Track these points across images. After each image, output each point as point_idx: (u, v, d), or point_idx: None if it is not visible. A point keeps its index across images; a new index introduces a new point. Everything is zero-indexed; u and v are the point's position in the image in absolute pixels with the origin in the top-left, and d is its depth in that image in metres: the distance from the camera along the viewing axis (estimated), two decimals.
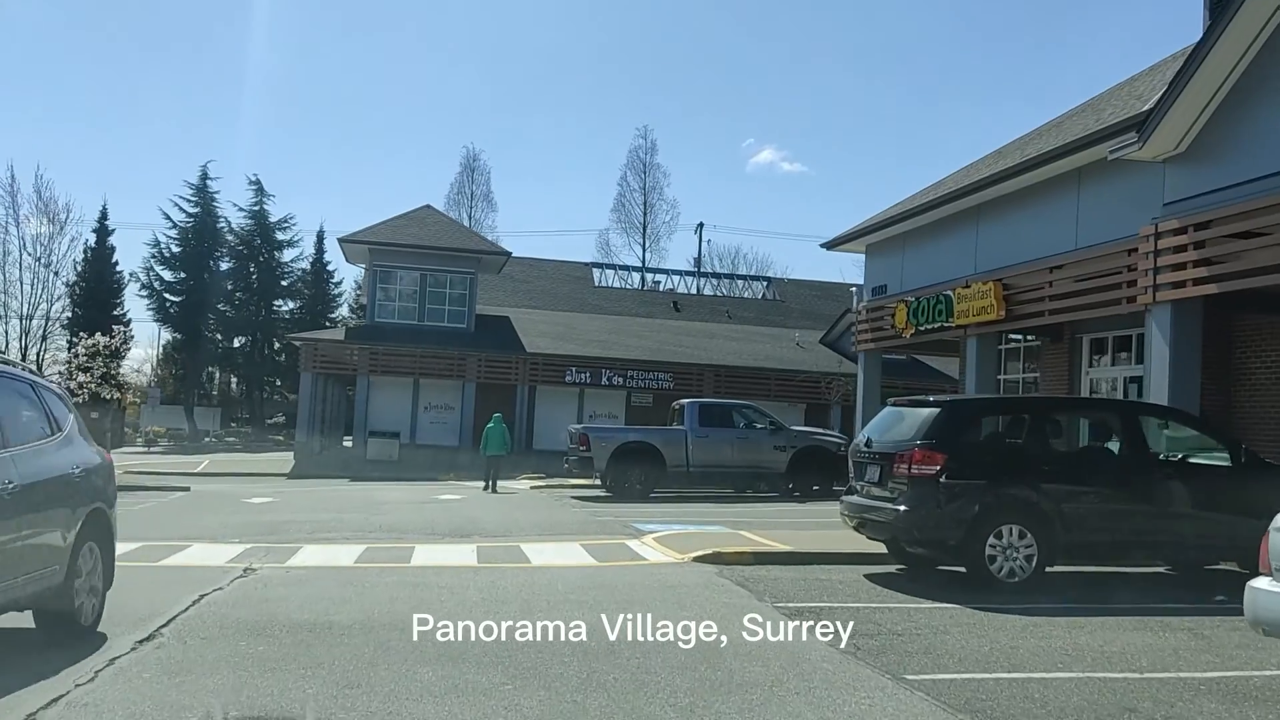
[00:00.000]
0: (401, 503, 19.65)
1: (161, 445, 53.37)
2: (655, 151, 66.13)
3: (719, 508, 18.63)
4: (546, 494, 22.71)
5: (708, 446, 20.75)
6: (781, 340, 42.88)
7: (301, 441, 36.06)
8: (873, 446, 9.83)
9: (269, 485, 27.82)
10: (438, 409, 38.37)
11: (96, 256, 55.62)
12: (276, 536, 13.04)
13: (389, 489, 24.92)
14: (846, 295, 49.73)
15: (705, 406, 21.39)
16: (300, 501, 20.15)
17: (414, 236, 38.23)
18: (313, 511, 17.35)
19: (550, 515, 16.58)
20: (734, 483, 21.69)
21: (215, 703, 5.29)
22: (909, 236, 20.18)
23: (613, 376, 37.61)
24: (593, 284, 46.59)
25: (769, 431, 21.19)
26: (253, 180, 56.47)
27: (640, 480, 20.45)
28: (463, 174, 63.12)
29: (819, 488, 21.10)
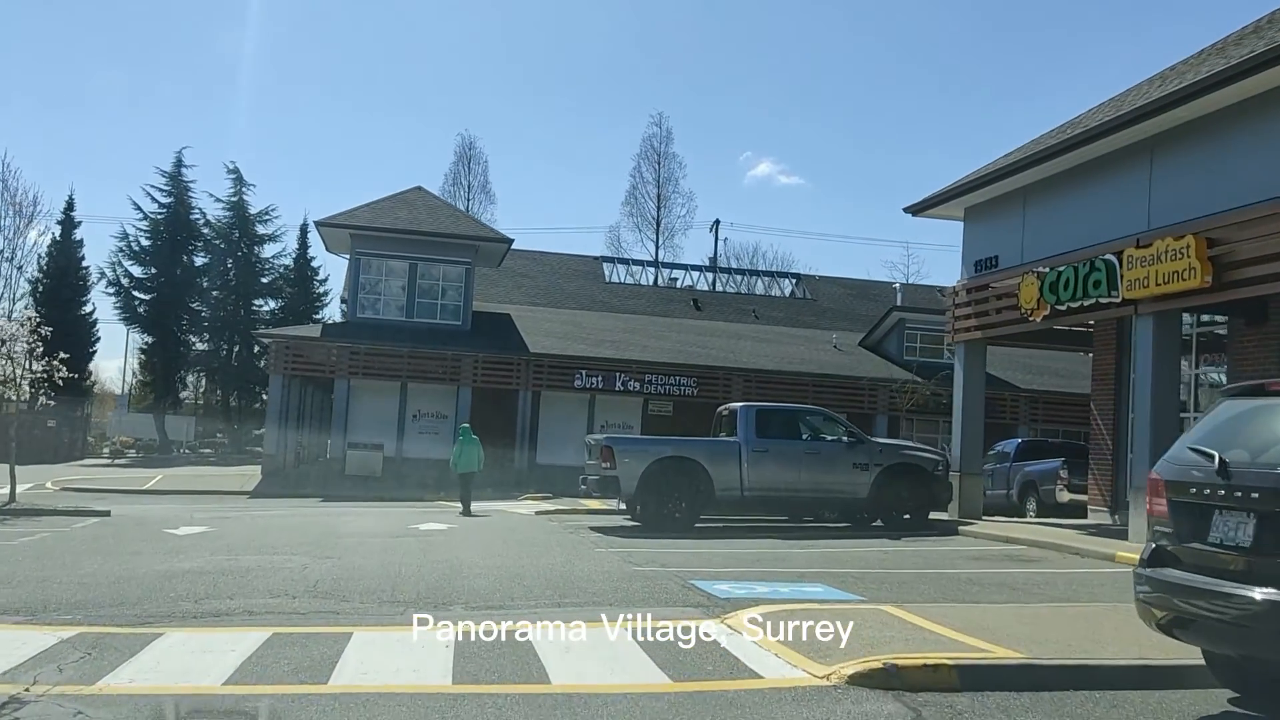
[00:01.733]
0: (368, 537, 14.88)
1: (128, 457, 48.58)
2: (671, 140, 61.47)
3: (792, 547, 13.86)
4: (556, 522, 17.90)
5: (768, 463, 15.95)
6: (816, 342, 38.16)
7: (270, 455, 31.30)
8: (1233, 474, 5.01)
9: (220, 507, 23.09)
10: (428, 417, 33.65)
11: (61, 251, 50.90)
12: (140, 609, 8.25)
13: (361, 514, 20.15)
14: (887, 293, 45.08)
15: (764, 412, 16.54)
16: (236, 534, 15.38)
17: (402, 220, 33.53)
18: (239, 552, 12.59)
19: (567, 561, 11.79)
20: (797, 509, 16.92)
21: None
22: (1034, 191, 15.47)
23: (628, 381, 32.90)
24: (603, 280, 41.90)
25: (845, 445, 16.39)
26: (231, 168, 51.81)
27: (681, 507, 15.66)
28: (458, 163, 58.51)
29: (910, 516, 16.33)
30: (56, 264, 50.18)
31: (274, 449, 31.25)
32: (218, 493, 28.30)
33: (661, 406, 34.66)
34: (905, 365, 35.64)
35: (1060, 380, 36.26)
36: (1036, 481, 18.93)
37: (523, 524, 17.59)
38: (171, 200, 49.60)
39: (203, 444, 52.97)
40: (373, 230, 32.82)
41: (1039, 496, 18.75)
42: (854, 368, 35.12)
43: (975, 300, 16.86)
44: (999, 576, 10.80)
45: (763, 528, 17.14)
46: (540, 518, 19.19)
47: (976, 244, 17.18)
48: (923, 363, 35.85)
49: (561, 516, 19.40)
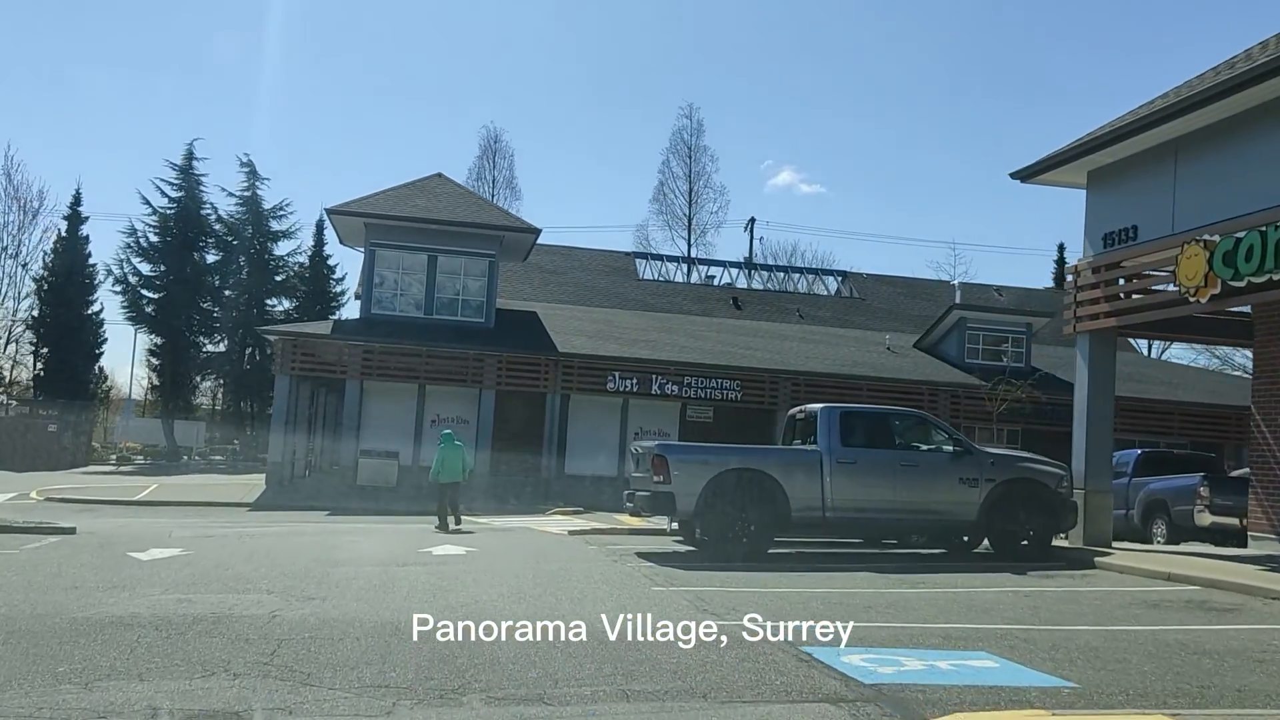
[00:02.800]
0: (368, 565, 12.13)
1: (134, 464, 46.20)
2: (702, 133, 58.54)
3: (900, 584, 10.99)
4: (595, 546, 15.03)
5: (856, 477, 13.06)
6: (868, 344, 35.19)
7: (275, 463, 28.65)
8: None
9: (210, 522, 20.47)
10: (448, 422, 30.85)
11: (67, 248, 48.73)
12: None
13: (367, 532, 17.42)
14: (941, 292, 41.99)
15: (851, 415, 13.59)
16: (210, 560, 12.68)
17: (421, 209, 30.89)
18: (200, 588, 9.89)
19: (621, 608, 8.94)
20: (889, 533, 14.02)
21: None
22: (1191, 144, 12.54)
23: (665, 384, 30.08)
24: (636, 276, 39.10)
25: (950, 455, 13.46)
26: (244, 161, 49.44)
27: (749, 530, 12.79)
28: (482, 157, 55.78)
29: (1027, 543, 13.39)
30: (62, 261, 48.00)
31: (279, 456, 28.61)
32: (215, 504, 25.68)
33: (701, 412, 31.85)
34: (966, 369, 32.64)
35: (1162, 388, 33.16)
36: (1168, 501, 15.94)
37: (554, 548, 14.76)
38: (182, 195, 47.28)
39: (214, 451, 50.55)
40: (389, 219, 30.19)
41: (1170, 519, 15.76)
42: (912, 371, 32.14)
43: (1105, 281, 13.93)
44: (1218, 640, 7.87)
45: (845, 554, 14.24)
46: (574, 539, 16.35)
47: (1105, 214, 14.22)
48: (984, 365, 32.83)
49: (599, 538, 16.54)
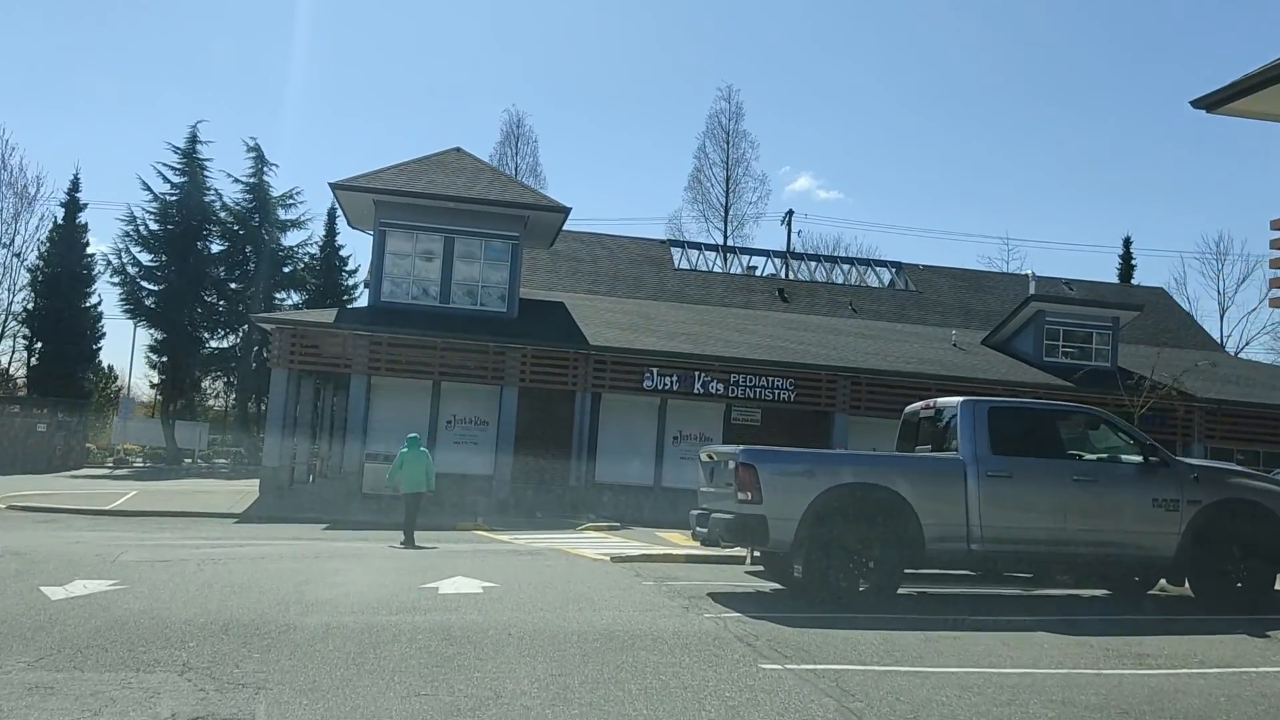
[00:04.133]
0: (348, 612, 8.82)
1: (131, 467, 43.13)
2: (741, 116, 54.91)
3: (1105, 657, 7.58)
4: (651, 581, 11.59)
5: (1013, 496, 9.63)
6: (931, 339, 31.67)
7: (271, 468, 25.40)
8: None
9: (186, 536, 17.34)
10: (465, 424, 27.68)
11: (64, 237, 45.78)
12: None
13: (363, 555, 14.12)
14: (1007, 285, 38.35)
15: (1002, 413, 10.04)
16: (140, 600, 9.49)
17: (437, 185, 27.64)
18: (85, 657, 6.73)
19: (731, 714, 5.55)
20: (1055, 570, 10.54)
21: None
22: None
23: (709, 382, 26.70)
24: (671, 266, 35.72)
25: (1138, 468, 9.97)
26: (251, 145, 46.25)
27: (867, 567, 9.38)
28: (504, 143, 52.43)
29: (1242, 586, 9.89)
30: (58, 250, 45.08)
31: (275, 460, 25.37)
32: (197, 515, 22.48)
33: (748, 413, 28.42)
34: (1045, 368, 29.05)
35: (1239, 389, 29.49)
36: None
37: (598, 584, 11.36)
38: (185, 180, 44.20)
39: (217, 454, 47.49)
40: (401, 195, 26.94)
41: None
42: (986, 369, 28.58)
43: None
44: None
45: (981, 598, 10.81)
46: (619, 570, 12.93)
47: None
48: (1065, 365, 29.25)
49: (650, 568, 13.12)
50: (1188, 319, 38.84)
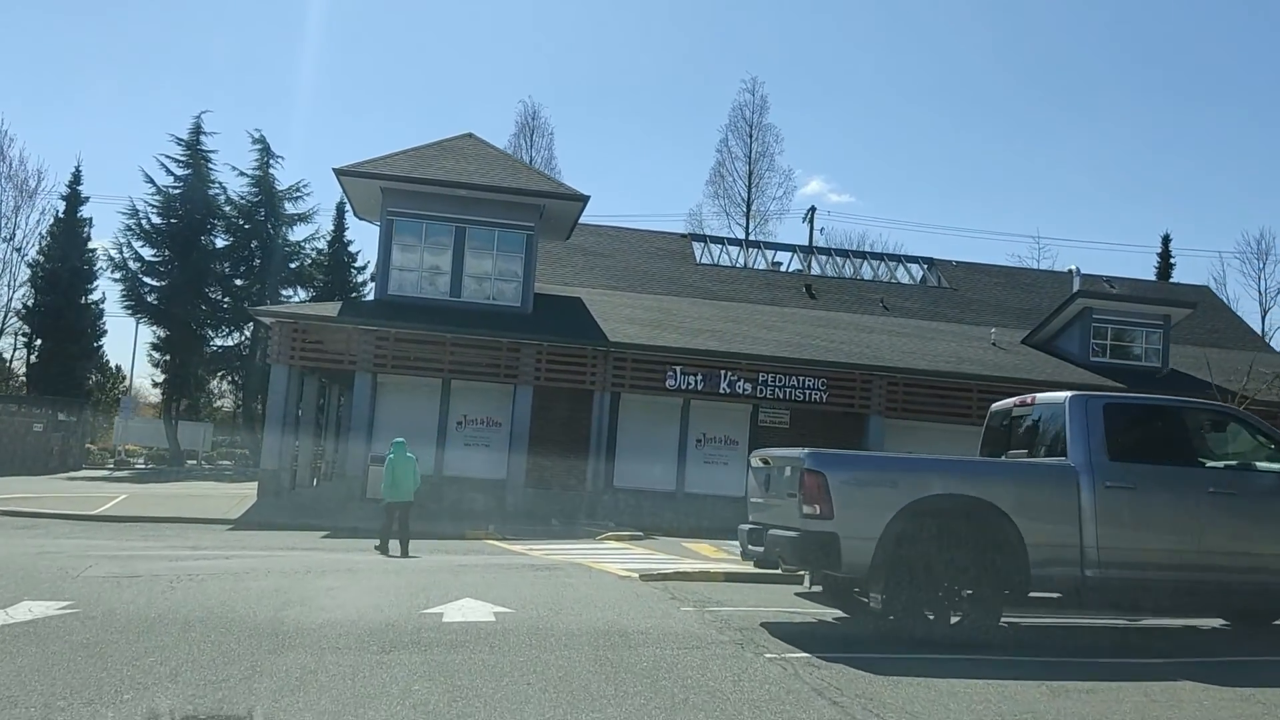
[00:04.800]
0: (330, 650, 7.21)
1: (133, 469, 41.71)
2: (765, 109, 53.17)
3: None
4: (690, 607, 9.93)
5: (1136, 511, 7.97)
6: (969, 338, 29.96)
7: (269, 470, 23.86)
8: None
9: (171, 545, 15.84)
10: (477, 424, 26.13)
11: (65, 231, 44.44)
12: None
13: (356, 572, 12.50)
14: (1046, 283, 36.52)
15: (1120, 410, 8.32)
16: (88, 628, 7.98)
17: (448, 171, 26.08)
18: (21, 700, 5.02)
19: None
20: (1184, 605, 8.84)
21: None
22: None
23: (736, 381, 25.06)
24: (693, 261, 34.06)
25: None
26: (256, 137, 44.86)
27: (961, 597, 7.74)
28: (519, 135, 50.74)
29: None
30: (58, 244, 43.72)
31: (274, 462, 23.82)
32: (189, 521, 20.97)
33: (775, 415, 26.81)
34: (1092, 368, 27.30)
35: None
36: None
37: (628, 607, 9.73)
38: (188, 173, 42.79)
39: (221, 455, 46.07)
40: (410, 182, 25.39)
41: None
42: (1030, 370, 26.85)
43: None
44: None
45: (1083, 628, 9.13)
46: (652, 591, 11.26)
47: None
48: (1113, 365, 27.51)
49: (687, 589, 11.46)
50: (1235, 319, 37.00)
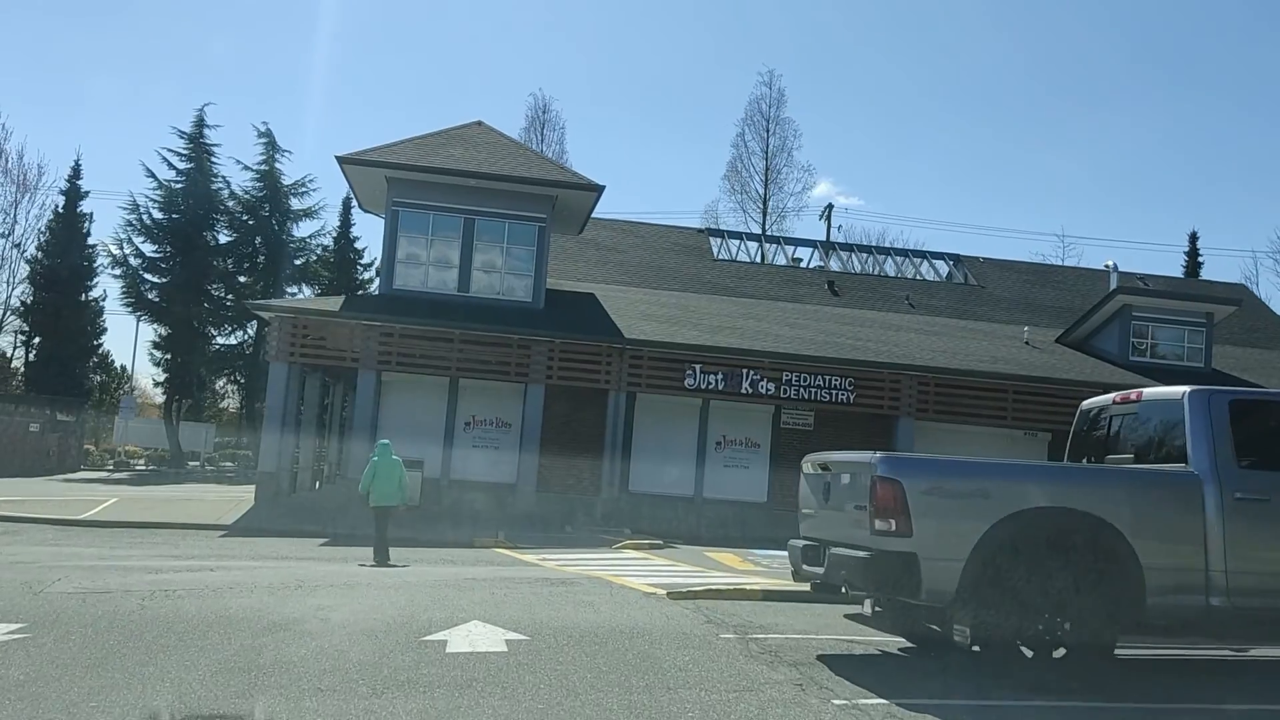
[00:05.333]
0: (311, 687, 5.94)
1: (132, 470, 40.58)
2: (783, 103, 51.94)
3: None
4: (731, 634, 8.66)
5: (1274, 527, 6.68)
6: (1000, 337, 28.66)
7: (267, 473, 22.69)
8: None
9: (157, 554, 14.74)
10: (486, 425, 24.92)
11: (65, 226, 43.39)
12: None
13: (358, 583, 11.25)
14: (1079, 280, 35.10)
15: (1250, 408, 7.04)
16: (38, 658, 6.75)
17: (456, 160, 24.91)
18: None
19: None
20: None
21: None
22: None
23: (759, 381, 23.81)
24: (711, 256, 32.81)
25: None
26: (262, 131, 43.77)
27: (1062, 629, 6.46)
28: (529, 128, 49.51)
29: None
30: (57, 240, 42.68)
31: (273, 464, 22.62)
32: (180, 527, 19.80)
33: (799, 417, 25.53)
34: (1130, 368, 25.96)
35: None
36: None
37: (658, 634, 8.47)
38: (191, 167, 41.71)
39: (224, 457, 44.95)
40: (416, 171, 24.22)
41: None
42: (1067, 370, 25.54)
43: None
44: None
45: (1194, 663, 7.85)
46: (682, 611, 10.00)
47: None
48: (1153, 365, 26.17)
49: (721, 608, 10.19)
50: (1274, 317, 35.58)
